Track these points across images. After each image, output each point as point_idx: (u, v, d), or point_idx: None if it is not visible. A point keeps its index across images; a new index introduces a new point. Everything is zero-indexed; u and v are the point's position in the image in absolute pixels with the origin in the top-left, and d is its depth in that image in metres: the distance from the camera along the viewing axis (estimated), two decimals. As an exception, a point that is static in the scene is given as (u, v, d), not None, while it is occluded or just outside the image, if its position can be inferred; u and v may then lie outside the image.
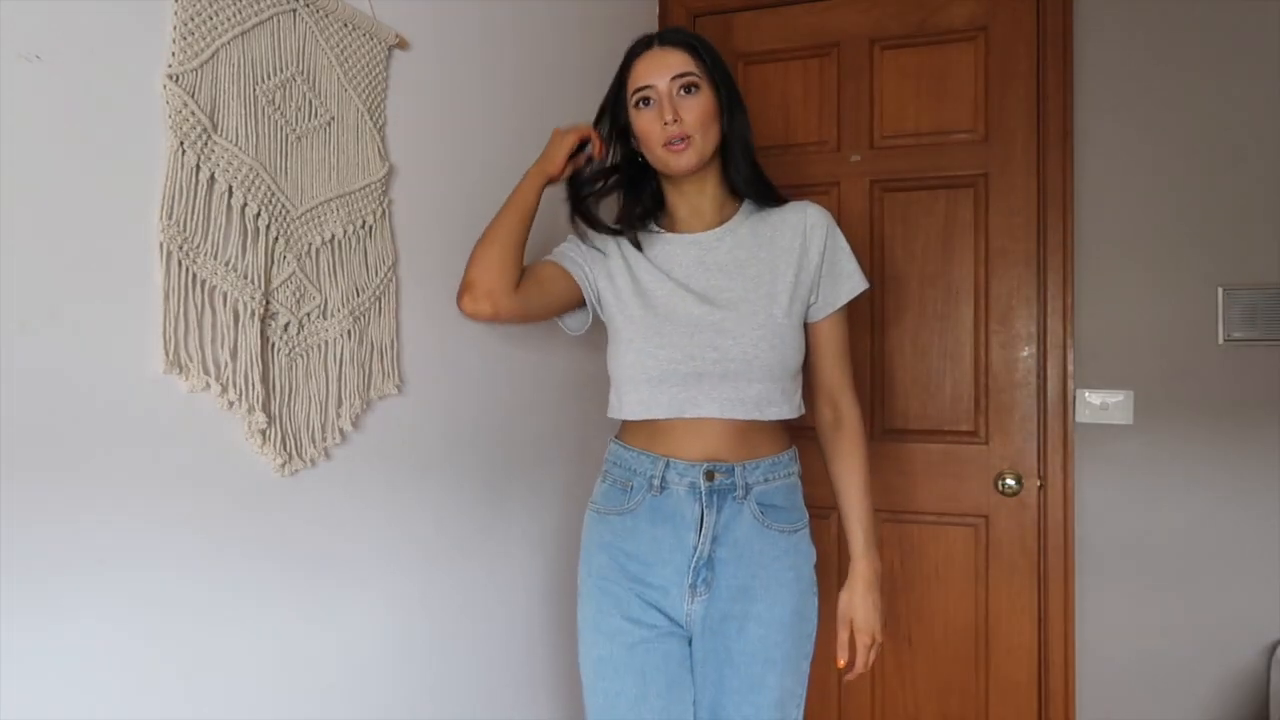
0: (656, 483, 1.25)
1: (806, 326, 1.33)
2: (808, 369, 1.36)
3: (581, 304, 1.38)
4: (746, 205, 1.34)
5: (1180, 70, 1.83)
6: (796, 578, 1.27)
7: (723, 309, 1.25)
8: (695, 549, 1.23)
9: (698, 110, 1.25)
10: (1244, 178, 1.79)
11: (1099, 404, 1.87)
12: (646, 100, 1.26)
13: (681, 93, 1.25)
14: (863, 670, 1.29)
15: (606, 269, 1.34)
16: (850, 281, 1.33)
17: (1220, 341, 1.79)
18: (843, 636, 1.29)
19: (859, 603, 1.29)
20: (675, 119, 1.23)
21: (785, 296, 1.27)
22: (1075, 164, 1.88)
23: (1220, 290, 1.79)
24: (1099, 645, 1.87)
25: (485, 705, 1.48)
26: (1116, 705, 1.86)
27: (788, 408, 1.28)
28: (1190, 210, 1.82)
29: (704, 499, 1.23)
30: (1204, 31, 1.81)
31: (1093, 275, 1.88)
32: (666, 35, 1.29)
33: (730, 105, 1.29)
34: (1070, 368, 1.87)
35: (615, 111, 1.31)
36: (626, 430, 1.34)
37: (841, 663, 1.29)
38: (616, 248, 1.35)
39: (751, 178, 1.31)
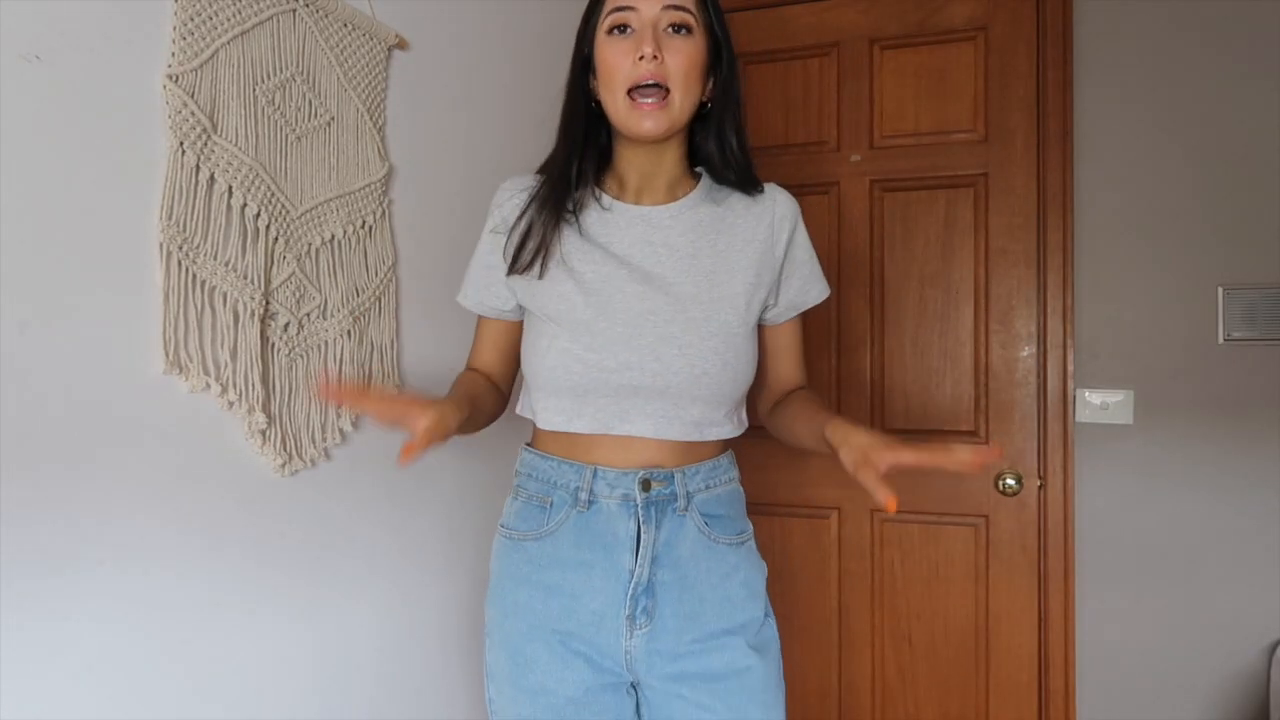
0: (584, 496, 1.01)
1: (761, 329, 1.13)
2: (760, 372, 1.14)
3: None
4: (705, 182, 1.10)
5: (1180, 70, 1.82)
6: (750, 595, 1.06)
7: (668, 300, 1.02)
8: (633, 574, 1.00)
9: (684, 57, 0.99)
10: (1244, 178, 1.78)
11: (1099, 404, 1.87)
12: (623, 27, 0.99)
13: (670, 30, 0.99)
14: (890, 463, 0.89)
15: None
16: (818, 285, 1.14)
17: (1220, 341, 1.79)
18: (867, 478, 0.88)
19: (853, 427, 0.94)
20: (656, 56, 0.97)
21: (742, 300, 1.04)
22: (1075, 164, 1.88)
23: (1220, 290, 1.79)
24: (1099, 645, 1.87)
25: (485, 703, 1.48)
26: (1116, 705, 1.86)
27: (729, 428, 1.07)
28: (1190, 210, 1.82)
29: (640, 513, 1.00)
30: (1204, 31, 1.81)
31: (1093, 275, 1.88)
32: None
33: (727, 66, 1.06)
34: (1070, 368, 1.87)
35: (580, 42, 1.06)
36: (542, 436, 1.07)
37: (891, 504, 0.85)
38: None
39: (740, 155, 1.07)
